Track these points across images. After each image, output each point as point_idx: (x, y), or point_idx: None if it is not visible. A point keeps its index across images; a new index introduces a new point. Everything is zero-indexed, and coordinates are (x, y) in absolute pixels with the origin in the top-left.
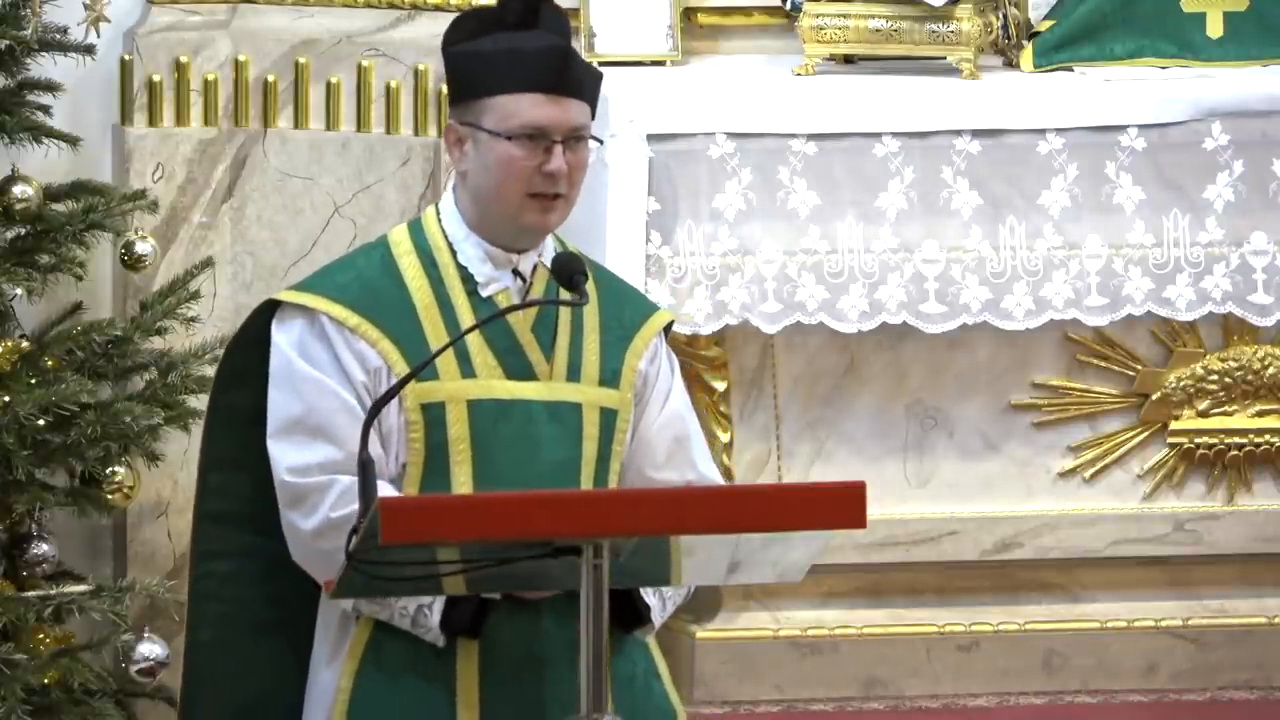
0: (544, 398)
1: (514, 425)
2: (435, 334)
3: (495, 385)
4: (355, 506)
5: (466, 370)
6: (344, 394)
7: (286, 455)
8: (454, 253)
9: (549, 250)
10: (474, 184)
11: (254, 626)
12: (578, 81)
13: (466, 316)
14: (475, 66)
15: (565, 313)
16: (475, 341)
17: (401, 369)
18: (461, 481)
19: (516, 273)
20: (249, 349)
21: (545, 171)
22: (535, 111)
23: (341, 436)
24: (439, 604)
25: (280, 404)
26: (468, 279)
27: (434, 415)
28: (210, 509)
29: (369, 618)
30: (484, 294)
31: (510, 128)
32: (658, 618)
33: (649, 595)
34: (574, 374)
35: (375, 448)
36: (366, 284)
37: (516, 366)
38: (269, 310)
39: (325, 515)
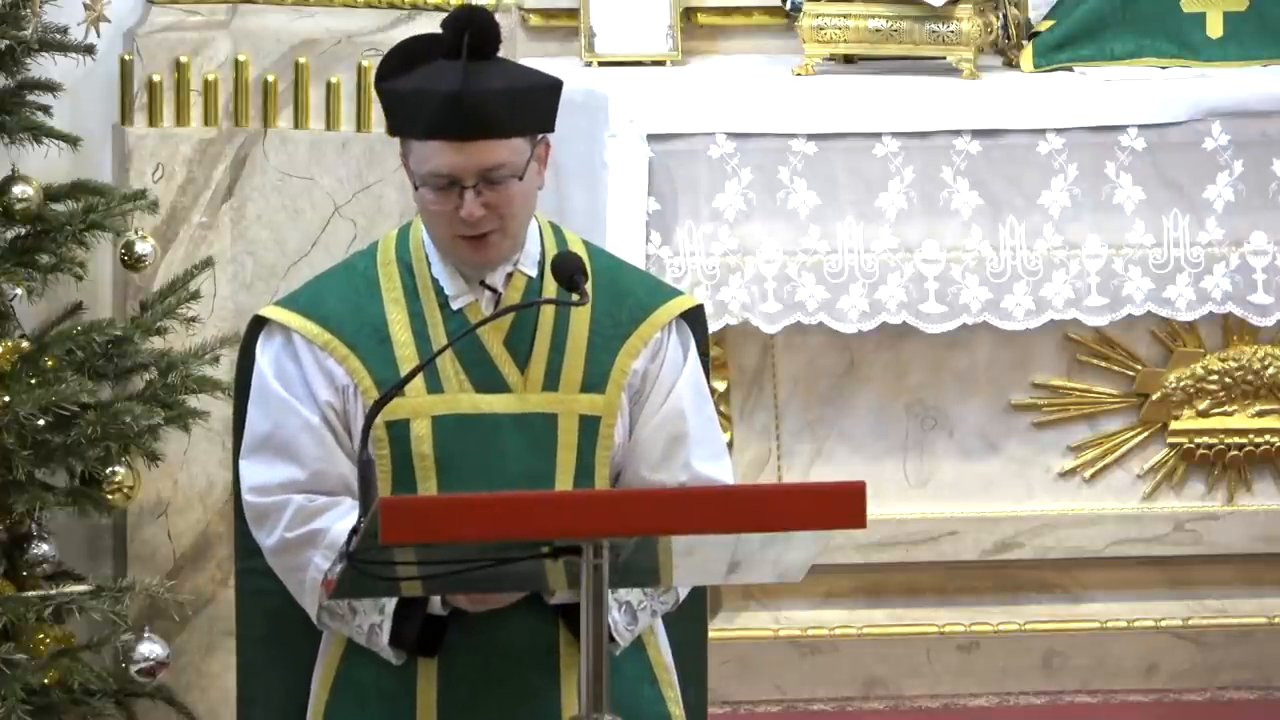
0: (514, 410)
1: (480, 439)
2: (404, 349)
3: (462, 399)
4: (312, 525)
5: (433, 384)
6: (307, 413)
7: (251, 474)
8: (430, 264)
9: (530, 254)
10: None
11: (299, 622)
12: (485, 121)
13: (438, 329)
14: (392, 107)
15: (547, 318)
16: (445, 355)
17: (368, 385)
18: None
19: (485, 285)
20: (251, 360)
21: (460, 217)
22: (438, 160)
23: (303, 455)
24: (387, 623)
25: (252, 422)
26: (440, 291)
27: (399, 432)
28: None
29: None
30: (454, 307)
31: (421, 175)
32: (622, 632)
33: (610, 611)
34: (552, 382)
35: (342, 466)
36: (342, 298)
37: (486, 379)
38: (259, 325)
39: (281, 535)
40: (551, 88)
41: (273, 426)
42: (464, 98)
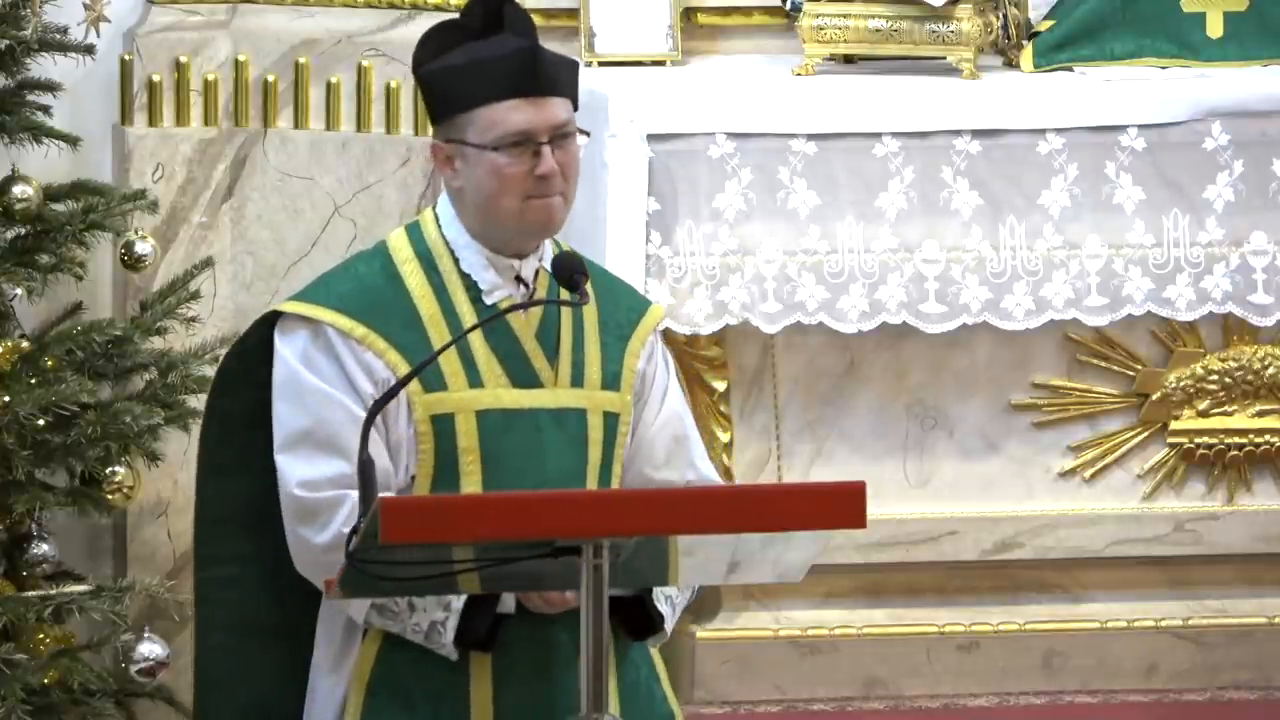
0: (550, 405)
1: (521, 435)
2: (441, 342)
3: (503, 394)
4: None
5: (474, 380)
6: (351, 406)
7: (296, 469)
8: (456, 259)
9: (548, 253)
10: (471, 198)
11: (259, 630)
12: (552, 78)
13: (471, 323)
14: (448, 83)
15: (567, 316)
16: (481, 350)
17: None
18: (471, 493)
19: (519, 279)
20: (244, 355)
21: (537, 175)
22: (515, 117)
23: (351, 449)
24: (453, 620)
25: (287, 417)
26: (471, 285)
27: (443, 426)
28: (210, 514)
29: (378, 630)
30: (488, 301)
31: (494, 138)
32: (669, 626)
33: (661, 604)
34: (578, 379)
35: (383, 459)
36: (370, 293)
37: (522, 374)
38: (270, 320)
39: (338, 530)
40: (577, 65)
41: (313, 421)
42: (538, 54)
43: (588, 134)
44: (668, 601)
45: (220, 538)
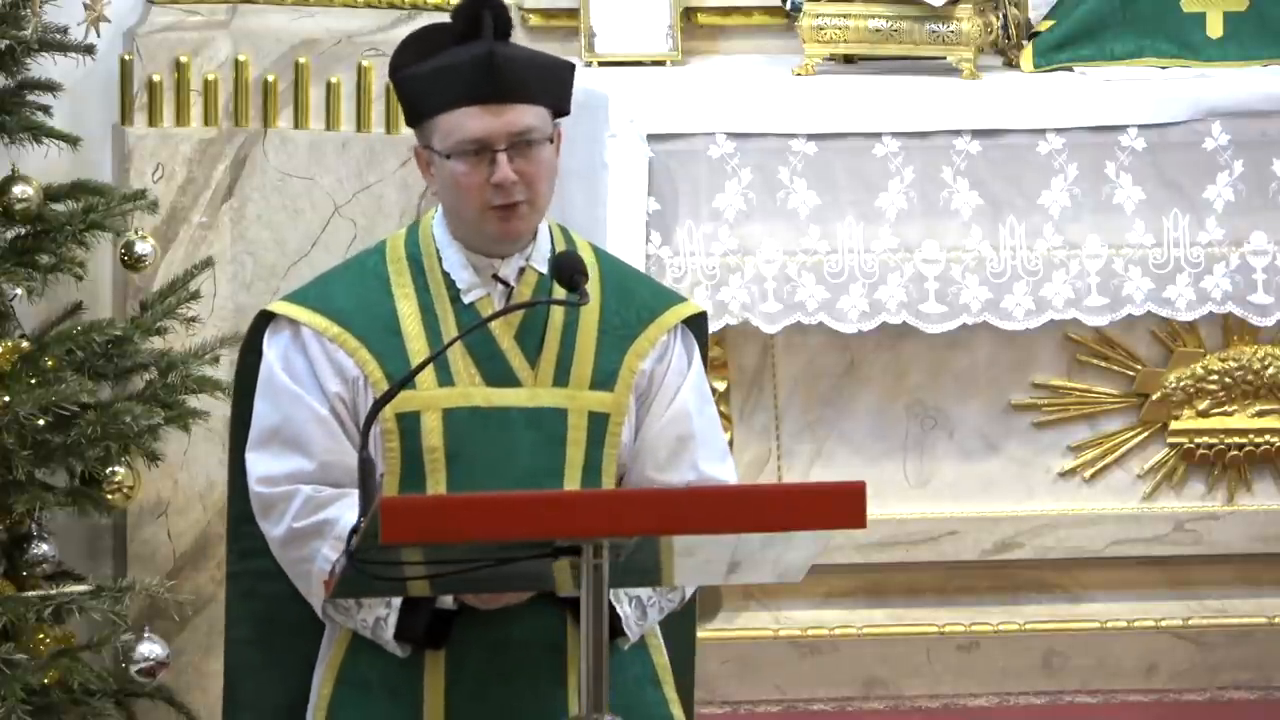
0: (524, 404)
1: (490, 433)
2: (415, 342)
3: (473, 393)
4: (320, 515)
5: (444, 378)
6: (316, 405)
7: (259, 465)
8: (440, 259)
9: (541, 251)
10: (443, 202)
11: (289, 625)
12: (515, 85)
13: (449, 323)
14: (415, 89)
15: (556, 315)
16: (455, 349)
17: (379, 377)
18: (436, 492)
19: (497, 278)
20: (256, 356)
21: (493, 183)
22: (470, 125)
23: (312, 447)
24: (393, 616)
25: (260, 415)
26: (451, 285)
27: (409, 424)
28: (242, 510)
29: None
30: (465, 300)
31: (450, 146)
32: (633, 626)
33: (622, 604)
34: (562, 378)
35: (348, 458)
36: (352, 292)
37: (497, 373)
38: (265, 320)
39: (289, 525)
40: (568, 67)
41: (281, 419)
42: (495, 59)
43: (551, 140)
44: (633, 603)
45: (254, 532)
